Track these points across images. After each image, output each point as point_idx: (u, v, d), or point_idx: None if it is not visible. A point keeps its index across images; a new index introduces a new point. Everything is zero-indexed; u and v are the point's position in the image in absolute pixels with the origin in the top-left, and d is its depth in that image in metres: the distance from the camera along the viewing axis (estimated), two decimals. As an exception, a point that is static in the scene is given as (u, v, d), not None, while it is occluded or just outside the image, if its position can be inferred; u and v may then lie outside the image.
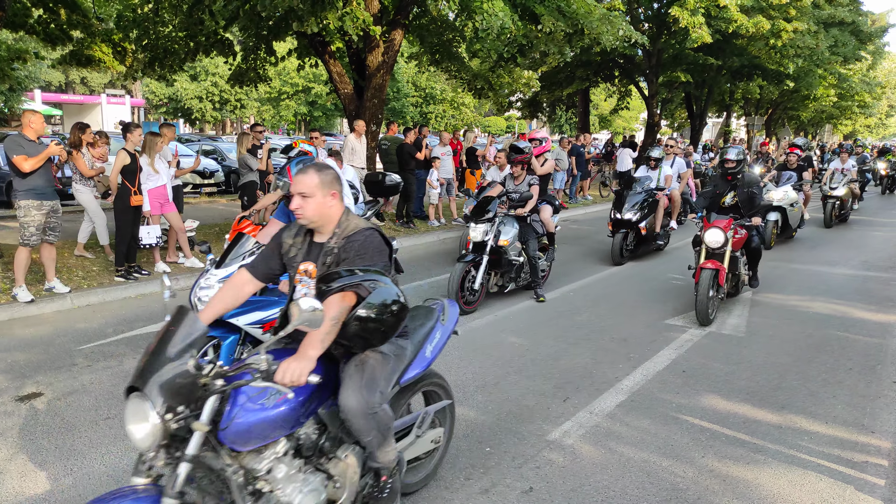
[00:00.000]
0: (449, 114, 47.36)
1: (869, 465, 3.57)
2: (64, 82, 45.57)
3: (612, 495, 3.25)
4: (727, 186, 6.76)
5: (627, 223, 8.85)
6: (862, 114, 41.92)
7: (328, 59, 11.52)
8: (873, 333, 5.96)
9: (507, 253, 6.56)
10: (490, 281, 6.79)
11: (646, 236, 9.10)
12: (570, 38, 11.92)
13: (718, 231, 6.18)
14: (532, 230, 6.97)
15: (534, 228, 7.03)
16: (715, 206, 6.91)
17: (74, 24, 10.94)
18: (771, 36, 17.03)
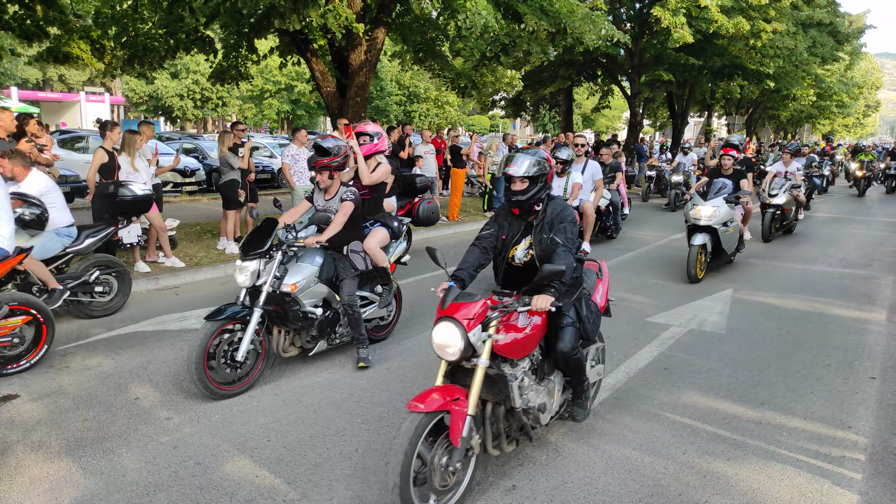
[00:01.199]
0: (433, 112, 47.35)
1: (846, 460, 3.62)
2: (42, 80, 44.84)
3: (595, 492, 3.27)
4: (517, 228, 3.59)
5: None
6: (840, 113, 42.62)
7: (310, 58, 11.46)
8: (851, 330, 6.05)
9: (299, 302, 4.59)
10: (280, 342, 4.77)
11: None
12: (553, 38, 11.99)
13: None
14: (349, 265, 5.03)
15: (352, 263, 5.11)
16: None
17: (51, 21, 10.76)
18: (751, 36, 17.25)
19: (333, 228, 4.83)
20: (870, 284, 7.92)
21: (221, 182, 9.29)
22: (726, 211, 8.02)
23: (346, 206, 4.93)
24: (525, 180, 3.44)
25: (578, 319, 3.48)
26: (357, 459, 3.54)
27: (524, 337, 3.16)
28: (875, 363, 5.16)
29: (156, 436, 3.78)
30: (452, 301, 3.04)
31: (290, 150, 9.74)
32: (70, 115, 36.62)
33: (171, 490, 3.22)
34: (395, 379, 4.71)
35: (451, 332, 2.91)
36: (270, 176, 17.52)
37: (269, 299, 4.43)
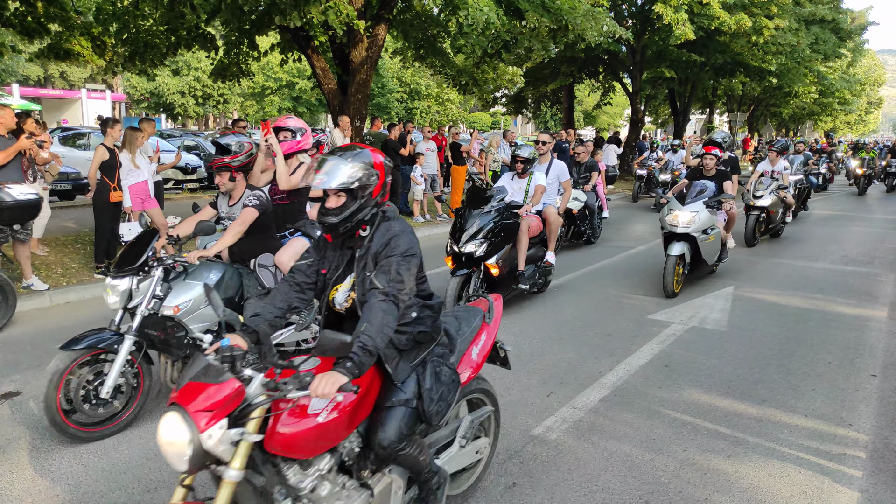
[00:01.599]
0: (434, 109, 47.30)
1: (847, 458, 3.62)
2: (43, 77, 44.85)
3: (595, 489, 3.27)
4: (339, 260, 2.74)
5: (469, 259, 6.00)
6: (842, 110, 42.52)
7: (311, 54, 11.44)
8: (852, 327, 6.05)
9: (185, 326, 3.87)
10: (167, 371, 4.02)
11: (500, 278, 6.11)
12: (555, 34, 11.94)
13: None
14: (255, 282, 4.34)
15: (259, 279, 4.41)
16: None
17: (52, 17, 10.75)
18: (753, 33, 17.20)
19: (226, 240, 4.13)
20: (871, 282, 7.91)
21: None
22: (706, 217, 7.02)
23: (246, 212, 4.18)
24: (341, 194, 2.43)
25: (418, 395, 2.50)
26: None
27: (317, 426, 2.15)
28: (876, 360, 5.16)
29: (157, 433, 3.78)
30: (190, 379, 2.04)
31: (291, 147, 9.74)
32: (71, 112, 36.61)
33: (172, 487, 3.23)
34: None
35: (177, 430, 1.94)
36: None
37: (148, 323, 3.74)
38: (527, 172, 6.82)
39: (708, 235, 7.18)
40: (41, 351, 5.07)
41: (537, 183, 6.78)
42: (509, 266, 6.22)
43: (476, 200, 6.18)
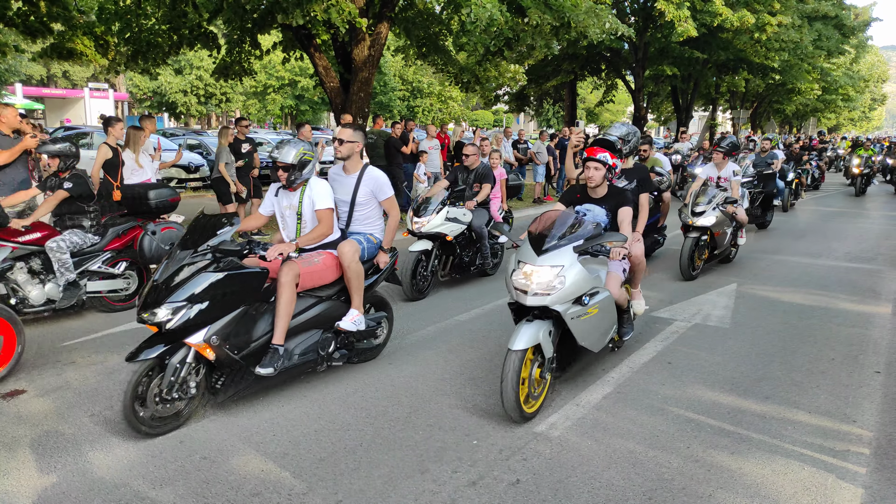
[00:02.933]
0: (436, 107, 47.29)
1: (850, 454, 3.61)
2: (46, 76, 44.94)
3: (599, 486, 3.28)
4: None
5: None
6: (846, 107, 42.41)
7: (314, 53, 11.45)
8: (856, 324, 6.04)
9: None
10: None
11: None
12: (557, 32, 11.93)
13: None
14: None
15: None
16: None
17: (55, 17, 10.79)
18: (755, 30, 17.17)
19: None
20: (875, 278, 7.90)
21: (214, 177, 9.34)
22: (577, 278, 3.96)
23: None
24: None
25: None
26: (361, 453, 3.56)
27: None
28: (880, 357, 5.15)
29: (162, 430, 3.80)
30: None
31: (294, 145, 9.75)
32: (74, 111, 36.71)
33: (177, 484, 3.24)
34: (398, 373, 4.73)
35: None
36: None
37: None
38: (297, 184, 4.39)
39: (584, 308, 4.05)
40: (46, 349, 5.09)
41: (318, 207, 4.39)
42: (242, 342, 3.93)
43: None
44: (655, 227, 8.44)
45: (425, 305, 6.53)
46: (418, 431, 3.83)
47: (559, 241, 3.99)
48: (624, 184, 5.53)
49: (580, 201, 4.81)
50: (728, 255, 8.63)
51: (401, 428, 3.87)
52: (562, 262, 3.90)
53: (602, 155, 4.65)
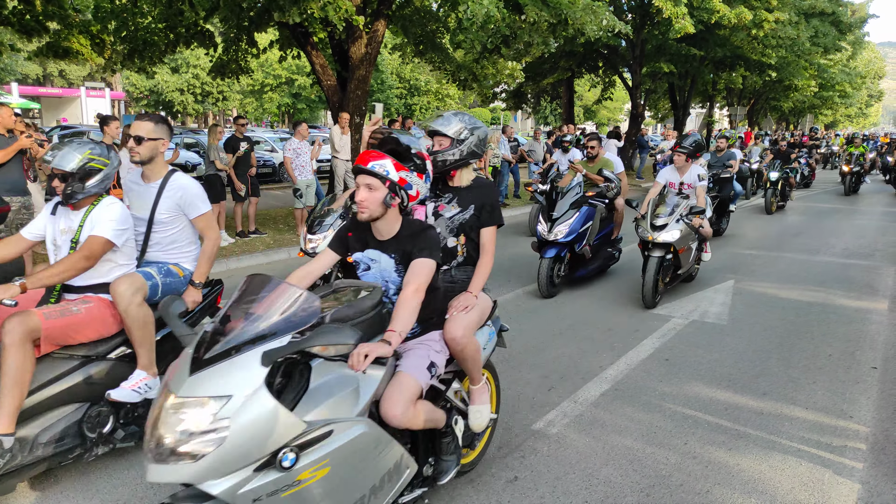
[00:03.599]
0: (434, 105, 47.26)
1: (848, 450, 3.63)
2: (42, 75, 44.81)
3: (597, 483, 3.28)
4: None
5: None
6: (843, 104, 42.45)
7: (311, 51, 11.43)
8: (853, 320, 6.05)
9: None
10: None
11: None
12: (554, 29, 11.92)
13: None
14: None
15: None
16: None
17: (50, 16, 10.75)
18: (752, 26, 17.15)
19: None
20: (872, 274, 7.91)
21: (205, 175, 9.33)
22: (261, 419, 2.00)
23: None
24: None
25: None
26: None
27: None
28: (877, 353, 5.17)
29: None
30: None
31: (292, 144, 9.75)
32: (71, 110, 36.59)
33: (175, 486, 3.23)
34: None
35: None
36: (272, 170, 17.52)
37: None
38: (80, 201, 3.33)
39: (288, 473, 2.06)
40: (43, 349, 5.08)
41: None
42: None
43: None
44: (609, 240, 7.68)
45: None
46: (416, 429, 3.83)
47: (237, 346, 2.07)
48: (454, 212, 3.16)
49: (358, 246, 2.81)
50: (691, 274, 7.36)
51: (399, 426, 3.87)
52: (231, 388, 1.98)
53: (377, 163, 2.65)
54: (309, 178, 9.78)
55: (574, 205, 6.95)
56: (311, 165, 9.85)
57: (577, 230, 6.84)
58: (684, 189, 7.14)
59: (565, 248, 6.86)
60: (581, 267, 7.20)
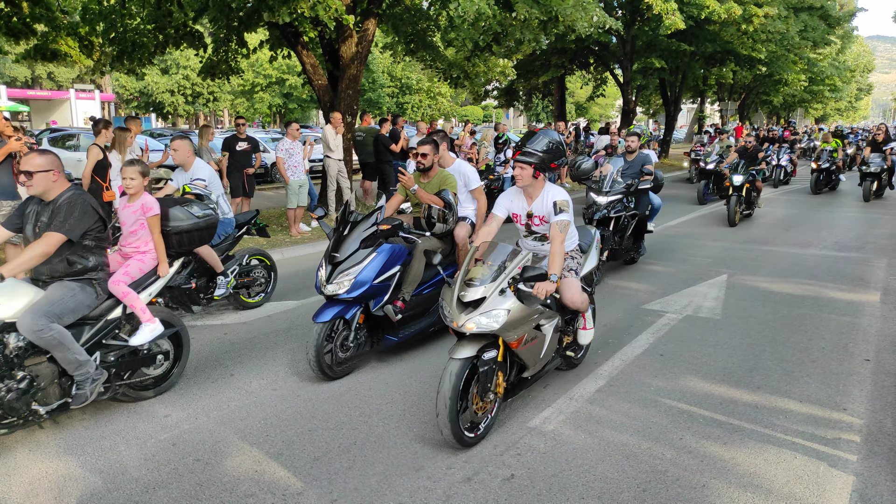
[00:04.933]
0: (425, 104, 47.21)
1: (842, 442, 3.65)
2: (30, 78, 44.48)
3: (593, 479, 3.29)
4: None
5: None
6: (832, 97, 42.69)
7: (301, 51, 11.38)
8: (845, 312, 6.09)
9: None
10: None
11: None
12: (545, 26, 11.92)
13: None
14: None
15: None
16: None
17: (38, 18, 10.65)
18: (742, 21, 17.22)
19: None
20: (863, 267, 7.96)
21: None
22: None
23: None
24: None
25: None
26: (356, 452, 3.55)
27: None
28: (869, 345, 5.20)
29: (154, 433, 3.78)
30: None
31: (284, 144, 9.72)
32: (60, 112, 36.38)
33: (170, 487, 3.23)
34: (391, 371, 4.72)
35: None
36: (264, 171, 17.45)
37: None
38: None
39: None
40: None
41: None
42: None
43: None
44: None
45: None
46: (412, 429, 3.82)
47: None
48: None
49: None
50: (573, 362, 4.73)
51: (395, 426, 3.87)
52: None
53: None
54: (301, 179, 9.75)
55: (367, 242, 4.61)
56: (304, 165, 9.82)
57: (369, 282, 4.49)
58: (535, 225, 4.28)
59: (355, 306, 4.58)
60: (397, 329, 4.88)
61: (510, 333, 3.57)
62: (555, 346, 4.13)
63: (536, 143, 4.11)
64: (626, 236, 7.64)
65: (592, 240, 4.85)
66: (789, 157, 18.59)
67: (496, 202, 4.35)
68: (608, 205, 7.38)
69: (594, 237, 4.90)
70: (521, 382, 3.99)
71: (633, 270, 7.84)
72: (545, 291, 3.63)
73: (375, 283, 4.58)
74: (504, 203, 4.31)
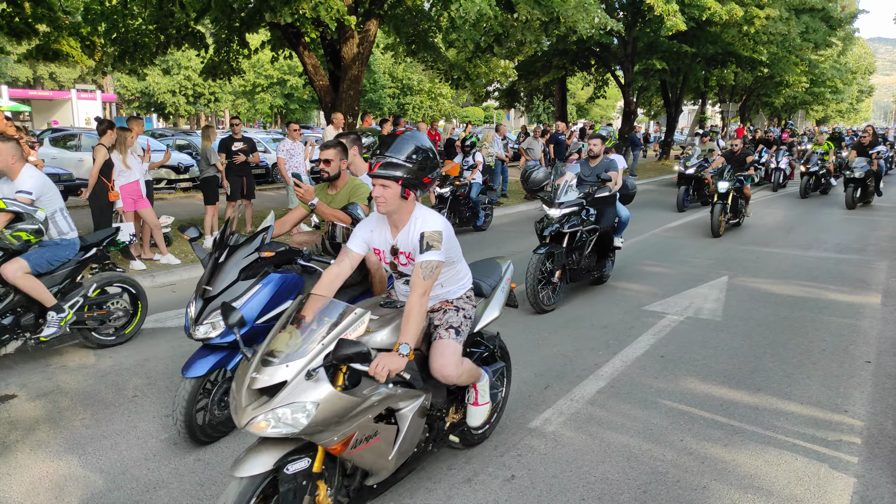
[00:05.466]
0: (426, 105, 47.25)
1: (842, 444, 3.64)
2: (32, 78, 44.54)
3: (594, 480, 3.29)
4: None
5: None
6: (834, 99, 42.68)
7: (303, 51, 11.40)
8: (846, 314, 6.08)
9: None
10: None
11: None
12: (546, 27, 11.93)
13: None
14: None
15: None
16: None
17: (40, 18, 10.67)
18: (744, 23, 17.22)
19: None
20: (864, 269, 7.95)
21: (201, 177, 9.28)
22: None
23: None
24: None
25: None
26: (356, 452, 3.55)
27: None
28: (870, 347, 5.19)
29: (155, 433, 3.78)
30: None
31: (285, 144, 9.73)
32: (62, 112, 36.38)
33: (171, 487, 3.23)
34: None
35: None
36: (265, 171, 17.47)
37: None
38: None
39: None
40: (35, 353, 5.05)
41: None
42: None
43: None
44: None
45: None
46: (413, 429, 3.82)
47: None
48: None
49: None
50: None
51: (395, 426, 3.86)
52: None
53: None
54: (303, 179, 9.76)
55: (249, 272, 3.61)
56: (305, 166, 9.83)
57: (250, 322, 3.51)
58: (401, 265, 3.09)
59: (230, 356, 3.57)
60: None
61: (326, 435, 2.37)
62: (421, 437, 2.97)
63: (398, 149, 2.83)
64: (586, 254, 6.65)
65: (500, 279, 3.64)
66: (788, 159, 17.98)
67: (353, 233, 3.08)
68: (561, 218, 6.30)
69: (503, 275, 3.69)
70: (368, 491, 2.80)
71: (634, 271, 7.84)
72: (386, 371, 2.43)
73: (259, 323, 3.52)
74: (362, 234, 3.04)
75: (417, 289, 2.75)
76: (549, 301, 6.21)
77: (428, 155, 2.88)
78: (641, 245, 9.60)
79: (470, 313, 3.18)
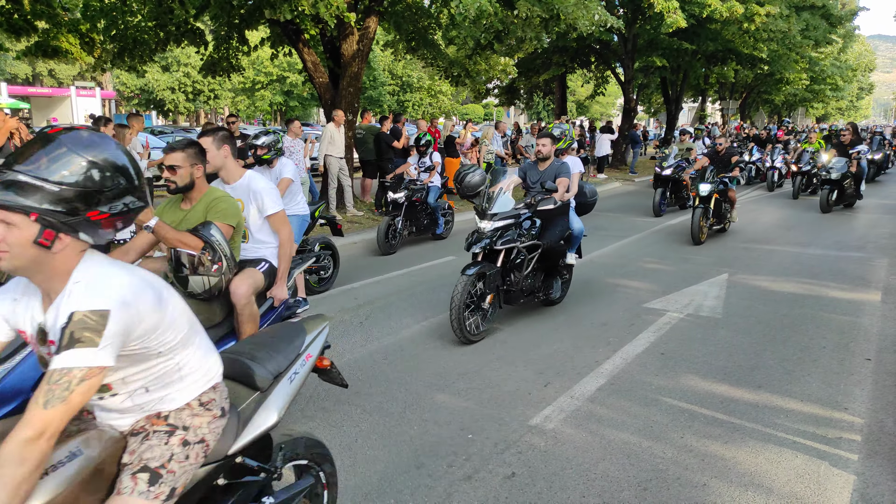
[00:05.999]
0: (426, 102, 47.21)
1: (843, 441, 3.64)
2: (31, 75, 44.47)
3: (594, 477, 3.28)
4: None
5: None
6: (834, 97, 42.67)
7: (302, 48, 11.38)
8: (847, 312, 6.08)
9: None
10: None
11: None
12: (547, 24, 11.90)
13: None
14: None
15: None
16: None
17: (39, 15, 10.66)
18: (744, 20, 17.19)
19: None
20: (864, 266, 7.95)
21: None
22: None
23: None
24: None
25: None
26: (356, 449, 3.55)
27: None
28: (870, 344, 5.19)
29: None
30: None
31: (285, 141, 9.72)
32: (61, 110, 36.34)
33: (171, 483, 3.22)
34: (392, 369, 4.72)
35: None
36: (264, 168, 17.45)
37: None
38: None
39: None
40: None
41: None
42: None
43: None
44: None
45: (417, 301, 6.51)
46: (413, 426, 3.82)
47: None
48: None
49: None
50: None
51: (395, 423, 3.87)
52: None
53: None
54: (303, 176, 9.75)
55: None
56: (305, 163, 9.82)
57: None
58: (49, 355, 1.63)
59: None
60: None
61: None
62: None
63: (41, 160, 1.54)
64: (526, 274, 5.65)
65: (296, 356, 2.40)
66: (784, 157, 17.13)
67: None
68: (494, 232, 5.39)
69: (303, 349, 2.44)
70: None
71: (634, 269, 7.84)
72: None
73: None
74: (2, 308, 1.77)
75: (26, 428, 1.47)
76: (477, 330, 5.25)
77: (104, 173, 1.60)
78: (640, 242, 9.58)
79: (203, 434, 1.88)
